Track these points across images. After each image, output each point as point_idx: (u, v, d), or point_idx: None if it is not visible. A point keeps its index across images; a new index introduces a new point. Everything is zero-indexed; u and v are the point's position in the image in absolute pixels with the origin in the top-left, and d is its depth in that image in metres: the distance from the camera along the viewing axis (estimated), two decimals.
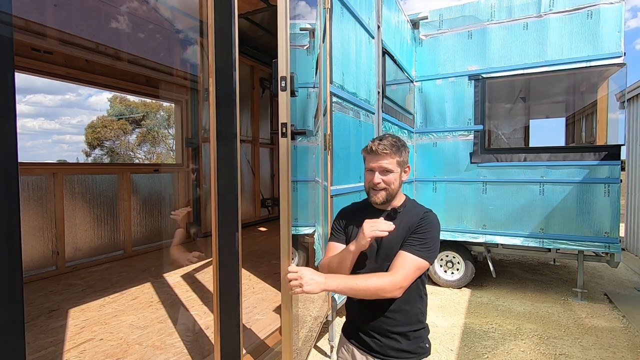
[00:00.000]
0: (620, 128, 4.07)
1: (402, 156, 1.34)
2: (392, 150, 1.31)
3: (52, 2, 3.39)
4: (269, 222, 6.32)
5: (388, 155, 1.31)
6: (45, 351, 1.99)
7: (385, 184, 1.32)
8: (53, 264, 3.45)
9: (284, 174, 1.45)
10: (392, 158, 1.32)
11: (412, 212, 1.36)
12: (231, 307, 1.55)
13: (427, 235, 1.27)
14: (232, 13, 1.51)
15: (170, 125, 22.52)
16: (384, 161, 1.31)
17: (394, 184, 1.33)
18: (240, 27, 4.17)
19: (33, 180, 3.35)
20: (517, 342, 3.07)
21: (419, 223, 1.30)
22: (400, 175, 1.35)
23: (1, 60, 0.80)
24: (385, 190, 1.33)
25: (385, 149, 1.30)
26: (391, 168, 1.32)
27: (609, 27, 3.77)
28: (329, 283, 1.21)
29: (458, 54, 4.52)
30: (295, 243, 4.10)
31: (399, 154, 1.33)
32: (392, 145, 1.31)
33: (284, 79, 1.42)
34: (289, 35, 1.45)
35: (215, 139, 1.47)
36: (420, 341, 1.33)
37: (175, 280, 3.22)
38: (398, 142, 1.34)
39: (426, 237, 1.27)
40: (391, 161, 1.32)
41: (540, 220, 4.06)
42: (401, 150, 1.34)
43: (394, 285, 1.19)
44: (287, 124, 1.42)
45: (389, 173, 1.32)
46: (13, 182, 0.82)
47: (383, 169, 1.32)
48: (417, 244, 1.26)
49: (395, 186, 1.33)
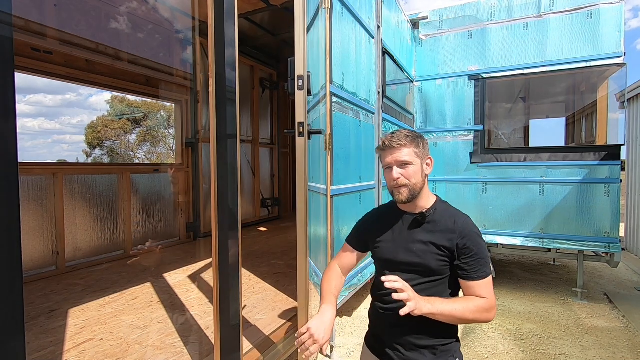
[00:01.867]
0: (620, 128, 4.07)
1: (420, 147, 1.23)
2: (407, 141, 1.21)
3: (52, 2, 3.39)
4: (269, 222, 6.32)
5: (403, 147, 1.20)
6: (45, 351, 1.99)
7: (406, 178, 1.20)
8: (53, 264, 3.45)
9: (301, 175, 1.42)
10: (408, 149, 1.21)
11: (447, 220, 1.21)
12: (231, 307, 1.55)
13: (481, 253, 1.16)
14: (232, 13, 1.52)
15: (171, 125, 22.53)
16: (399, 153, 1.20)
17: (414, 177, 1.20)
18: (240, 27, 4.17)
19: (33, 180, 3.35)
20: (517, 342, 3.07)
21: (470, 243, 1.16)
22: (422, 168, 1.23)
23: (1, 60, 0.80)
24: (407, 187, 1.21)
25: (400, 140, 1.20)
26: (409, 160, 1.20)
27: (609, 27, 3.77)
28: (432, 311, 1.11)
29: (458, 54, 4.52)
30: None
31: (415, 144, 1.22)
32: (406, 136, 1.21)
33: (300, 77, 1.42)
34: (306, 34, 1.45)
35: (215, 139, 1.47)
36: (448, 355, 1.19)
37: (175, 280, 3.22)
38: (413, 133, 1.24)
39: (482, 255, 1.16)
40: (408, 152, 1.21)
41: (540, 220, 4.06)
42: (417, 140, 1.23)
43: (491, 309, 1.13)
44: (304, 124, 1.41)
45: (408, 166, 1.20)
46: (13, 182, 0.82)
47: (400, 162, 1.20)
48: (477, 265, 1.15)
49: (417, 180, 1.21)
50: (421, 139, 1.25)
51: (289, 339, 2.22)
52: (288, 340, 2.21)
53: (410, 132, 1.25)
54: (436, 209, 1.24)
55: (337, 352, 2.81)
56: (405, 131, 1.25)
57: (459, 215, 1.22)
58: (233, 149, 1.53)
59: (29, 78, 6.85)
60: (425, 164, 1.25)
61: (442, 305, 1.10)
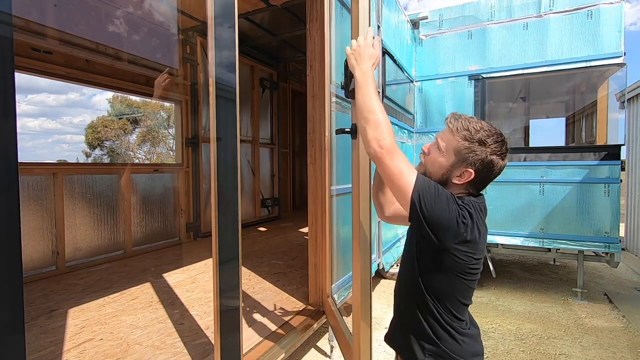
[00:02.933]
0: (620, 128, 4.08)
1: (470, 149, 1.00)
2: (455, 129, 1.02)
3: (52, 2, 3.39)
4: (269, 222, 6.32)
5: (448, 132, 1.04)
6: (45, 351, 1.99)
7: (426, 155, 1.09)
8: (53, 264, 3.45)
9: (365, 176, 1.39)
10: (452, 138, 1.03)
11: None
12: (231, 307, 1.55)
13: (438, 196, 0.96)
14: (232, 13, 1.52)
15: (170, 125, 22.54)
16: (442, 135, 1.06)
17: (431, 165, 1.07)
18: (240, 27, 4.17)
19: (33, 180, 3.35)
20: (517, 342, 3.07)
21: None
22: (450, 169, 1.03)
23: (1, 60, 0.80)
24: (423, 166, 1.11)
25: (451, 123, 1.04)
26: (442, 146, 1.04)
27: (609, 27, 3.77)
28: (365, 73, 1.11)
29: (458, 54, 4.52)
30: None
31: (461, 139, 1.01)
32: (464, 128, 1.01)
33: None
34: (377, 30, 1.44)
35: (215, 139, 1.47)
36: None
37: (175, 280, 3.22)
38: (474, 129, 1.00)
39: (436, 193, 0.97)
40: (448, 139, 1.04)
41: (540, 220, 4.06)
42: (468, 139, 1.00)
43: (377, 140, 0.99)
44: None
45: (437, 151, 1.06)
46: (13, 182, 0.82)
47: (436, 143, 1.07)
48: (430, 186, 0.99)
49: (432, 170, 1.07)
50: (477, 143, 1.00)
51: (289, 339, 2.22)
52: (288, 340, 2.21)
53: (472, 125, 1.01)
54: None
55: (337, 352, 2.81)
56: (467, 123, 1.02)
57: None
58: (233, 149, 1.53)
59: (30, 78, 6.79)
60: (460, 171, 1.03)
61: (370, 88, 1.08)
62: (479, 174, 1.02)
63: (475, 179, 1.03)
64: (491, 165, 1.00)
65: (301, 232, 5.45)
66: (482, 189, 1.08)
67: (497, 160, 1.00)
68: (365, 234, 1.41)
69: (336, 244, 2.61)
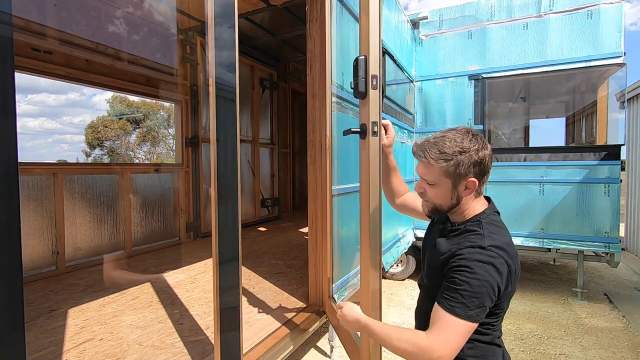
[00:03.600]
0: (620, 128, 4.08)
1: (451, 165, 0.99)
2: (437, 158, 1.00)
3: (52, 2, 3.39)
4: (269, 222, 6.32)
5: (425, 164, 1.03)
6: (45, 351, 1.99)
7: (429, 194, 1.06)
8: (53, 264, 3.45)
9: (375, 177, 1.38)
10: (433, 168, 1.01)
11: (460, 240, 1.01)
12: (231, 307, 1.55)
13: (460, 285, 0.92)
14: (231, 13, 1.52)
15: (170, 125, 22.55)
16: (423, 169, 1.05)
17: (438, 199, 1.04)
18: (240, 27, 4.17)
19: (33, 180, 3.35)
20: (517, 342, 3.07)
21: (451, 262, 0.96)
22: (455, 190, 1.02)
23: (1, 60, 0.80)
24: (430, 203, 1.08)
25: (429, 154, 1.01)
26: (431, 180, 1.03)
27: (609, 27, 3.77)
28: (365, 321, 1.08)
29: (458, 54, 4.52)
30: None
31: (449, 163, 0.99)
32: (440, 152, 0.99)
33: (375, 77, 1.41)
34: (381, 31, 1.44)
35: (215, 139, 1.47)
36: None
37: (175, 280, 3.22)
38: (446, 147, 0.99)
39: (459, 287, 0.92)
40: (432, 171, 1.02)
41: (540, 220, 4.06)
42: (455, 158, 0.98)
43: (430, 351, 0.90)
44: (377, 123, 1.39)
45: (430, 186, 1.04)
46: (13, 182, 0.82)
47: (421, 180, 1.07)
48: (451, 296, 0.93)
49: (442, 202, 1.04)
50: (464, 155, 0.98)
51: (289, 339, 2.22)
52: (288, 340, 2.21)
53: (452, 145, 0.99)
54: (466, 224, 1.04)
55: (337, 352, 2.81)
56: (448, 143, 1.00)
57: (478, 239, 0.98)
58: (233, 149, 1.53)
59: (30, 78, 6.77)
60: (463, 186, 1.01)
61: (376, 323, 1.05)
62: (478, 175, 1.02)
63: (479, 181, 1.04)
64: (482, 161, 1.01)
65: (301, 232, 5.45)
66: (487, 180, 1.09)
67: (483, 153, 1.01)
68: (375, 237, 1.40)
69: (336, 244, 2.61)
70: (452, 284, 0.94)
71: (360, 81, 1.40)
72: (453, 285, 0.93)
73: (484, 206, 1.08)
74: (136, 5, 4.24)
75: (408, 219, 4.59)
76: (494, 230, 1.00)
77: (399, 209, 1.48)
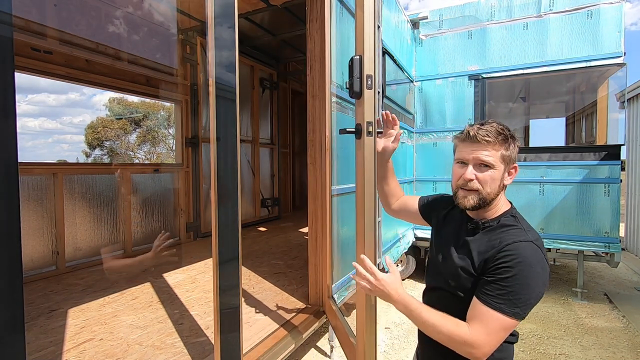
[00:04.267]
0: (620, 128, 4.08)
1: (510, 150, 1.01)
2: (496, 139, 0.99)
3: (52, 2, 3.39)
4: (269, 222, 6.32)
5: (490, 145, 0.99)
6: (45, 351, 1.99)
7: (480, 182, 1.00)
8: (53, 264, 3.45)
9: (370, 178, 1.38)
10: (495, 150, 0.99)
11: (501, 234, 0.99)
12: (231, 307, 1.55)
13: (510, 281, 0.90)
14: (231, 13, 1.52)
15: (170, 125, 22.55)
16: (483, 152, 0.99)
17: (490, 185, 1.00)
18: (240, 27, 4.17)
19: (33, 180, 3.35)
20: (517, 342, 3.07)
21: (496, 258, 0.93)
22: (503, 177, 1.02)
23: (1, 60, 0.80)
24: (477, 193, 1.01)
25: (489, 135, 0.98)
26: (492, 162, 0.99)
27: (609, 26, 3.77)
28: (401, 297, 1.01)
29: (458, 53, 4.52)
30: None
31: (505, 145, 1.00)
32: (498, 133, 0.99)
33: (369, 77, 1.41)
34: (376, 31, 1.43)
35: (215, 139, 1.47)
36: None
37: (175, 280, 3.22)
38: (506, 130, 1.01)
39: (508, 284, 0.90)
40: (493, 153, 0.99)
41: (540, 220, 4.06)
42: (509, 141, 1.01)
43: (472, 346, 0.91)
44: (373, 122, 1.39)
45: (488, 169, 1.00)
46: (13, 182, 0.82)
47: (480, 162, 1.00)
48: (496, 292, 0.91)
49: (491, 189, 1.01)
50: (513, 139, 1.02)
51: (289, 339, 2.22)
52: (288, 340, 2.21)
53: (503, 128, 1.01)
54: (500, 220, 1.04)
55: (337, 352, 2.81)
56: (497, 125, 1.01)
57: (520, 234, 0.98)
58: (233, 149, 1.53)
59: (31, 78, 6.78)
60: (508, 172, 1.03)
61: (415, 303, 1.00)
62: (516, 161, 1.06)
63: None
64: (518, 150, 1.05)
65: (301, 232, 5.45)
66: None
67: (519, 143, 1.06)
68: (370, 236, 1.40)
69: (336, 244, 2.61)
70: (499, 281, 0.91)
71: (355, 81, 1.40)
72: (500, 282, 0.91)
73: (507, 201, 1.10)
74: (136, 5, 4.24)
75: None
76: (528, 225, 1.04)
77: (394, 214, 1.45)
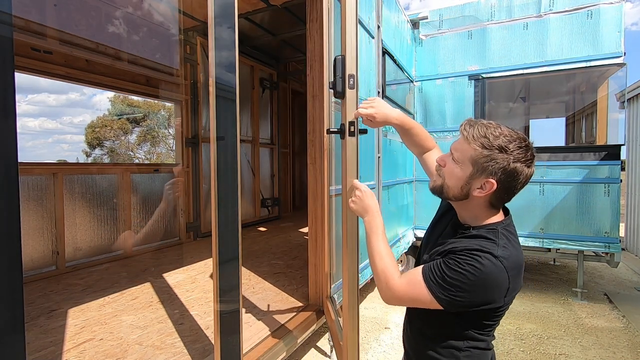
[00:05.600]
0: (620, 128, 4.08)
1: (484, 155, 0.90)
2: (471, 137, 0.92)
3: (52, 2, 3.39)
4: (269, 222, 6.32)
5: (463, 140, 0.95)
6: (45, 351, 1.99)
7: (442, 167, 1.01)
8: (53, 264, 3.45)
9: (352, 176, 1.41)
10: (463, 146, 0.94)
11: (471, 240, 0.95)
12: (231, 307, 1.55)
13: (454, 274, 0.88)
14: (232, 13, 1.52)
15: (170, 125, 22.54)
16: (457, 143, 0.98)
17: (449, 179, 0.98)
18: (240, 27, 4.17)
19: (33, 180, 3.35)
20: (517, 342, 3.07)
21: (455, 252, 0.92)
22: (469, 182, 0.94)
23: (1, 60, 0.80)
24: (440, 179, 1.02)
25: (465, 130, 0.94)
26: (457, 157, 0.96)
27: (609, 26, 3.77)
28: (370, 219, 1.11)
29: (458, 53, 4.52)
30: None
31: (479, 147, 0.91)
32: (481, 136, 0.91)
33: (352, 77, 1.41)
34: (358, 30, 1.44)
35: (215, 139, 1.47)
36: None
37: (175, 280, 3.22)
38: (493, 135, 0.90)
39: (451, 275, 0.89)
40: (463, 148, 0.95)
41: (540, 220, 4.06)
42: (487, 147, 0.90)
43: (389, 286, 0.99)
44: (355, 123, 1.41)
45: (452, 162, 0.97)
46: (13, 182, 0.82)
47: (450, 153, 0.99)
48: (437, 272, 0.92)
49: (451, 184, 0.98)
50: (503, 155, 0.89)
51: (289, 339, 2.22)
52: (288, 340, 2.21)
53: (497, 135, 0.90)
54: (479, 231, 0.96)
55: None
56: (485, 129, 0.92)
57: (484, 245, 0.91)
58: (233, 149, 1.54)
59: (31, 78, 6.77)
60: (478, 185, 0.93)
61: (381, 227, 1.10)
62: (502, 184, 0.91)
63: (498, 190, 0.92)
64: (515, 174, 0.90)
65: (301, 232, 5.45)
66: (507, 201, 0.98)
67: (522, 167, 0.89)
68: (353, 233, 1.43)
69: (336, 244, 2.61)
70: (444, 265, 0.91)
71: (338, 81, 1.41)
72: (444, 266, 0.91)
73: (500, 217, 1.00)
74: (136, 5, 4.24)
75: (408, 220, 4.59)
76: (508, 243, 0.93)
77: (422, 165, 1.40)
